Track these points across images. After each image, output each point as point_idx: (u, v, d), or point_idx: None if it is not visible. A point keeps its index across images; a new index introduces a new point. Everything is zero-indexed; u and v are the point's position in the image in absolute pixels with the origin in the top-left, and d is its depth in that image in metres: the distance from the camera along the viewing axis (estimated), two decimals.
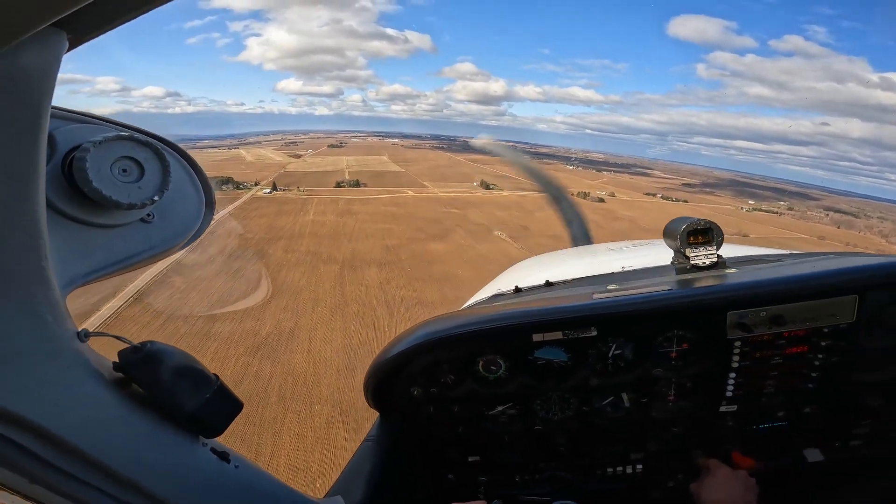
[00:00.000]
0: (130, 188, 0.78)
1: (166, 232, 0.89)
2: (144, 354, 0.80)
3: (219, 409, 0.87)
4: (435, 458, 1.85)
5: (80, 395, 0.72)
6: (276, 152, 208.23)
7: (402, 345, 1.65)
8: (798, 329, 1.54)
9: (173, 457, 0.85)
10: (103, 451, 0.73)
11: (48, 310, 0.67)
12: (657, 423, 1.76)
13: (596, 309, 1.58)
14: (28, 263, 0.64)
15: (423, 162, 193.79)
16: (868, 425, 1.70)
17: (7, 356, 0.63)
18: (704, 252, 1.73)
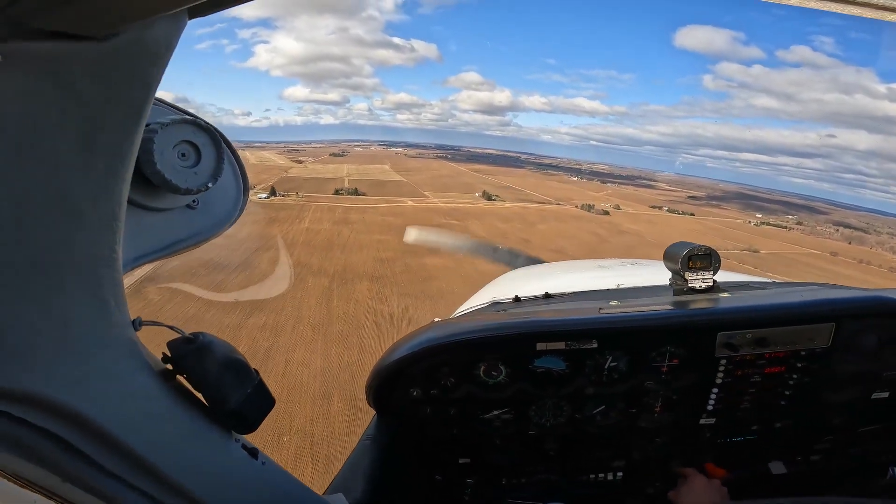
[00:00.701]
0: (188, 173, 0.78)
1: (209, 219, 0.89)
2: (198, 346, 0.78)
3: (257, 404, 0.86)
4: (427, 458, 1.90)
5: (131, 387, 0.70)
6: (279, 156, 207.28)
7: (406, 349, 1.70)
8: (779, 350, 1.66)
9: (210, 453, 0.84)
10: (147, 446, 0.71)
11: (112, 295, 0.65)
12: (642, 433, 1.84)
13: (600, 323, 1.66)
14: (103, 246, 0.62)
15: (426, 171, 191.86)
16: (829, 441, 1.85)
17: (73, 344, 0.61)
18: (702, 276, 1.83)
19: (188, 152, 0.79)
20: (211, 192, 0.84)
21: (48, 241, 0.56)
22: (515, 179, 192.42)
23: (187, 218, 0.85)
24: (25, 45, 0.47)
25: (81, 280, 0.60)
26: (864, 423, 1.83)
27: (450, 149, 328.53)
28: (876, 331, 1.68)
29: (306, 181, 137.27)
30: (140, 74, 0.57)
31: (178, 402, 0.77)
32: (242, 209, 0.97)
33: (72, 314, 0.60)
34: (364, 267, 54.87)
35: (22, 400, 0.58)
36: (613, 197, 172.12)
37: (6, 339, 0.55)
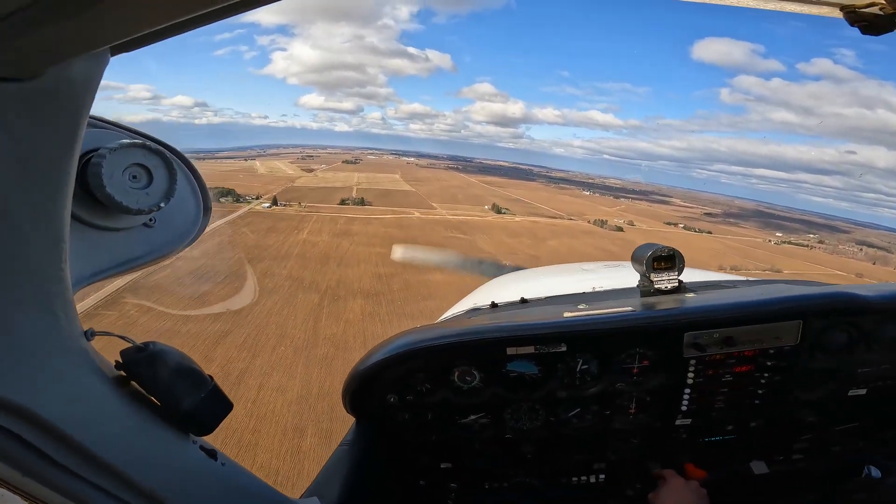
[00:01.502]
0: (139, 194, 0.81)
1: (167, 236, 0.92)
2: (148, 354, 0.83)
3: (212, 408, 0.90)
4: (407, 464, 1.90)
5: (85, 391, 0.74)
6: (289, 165, 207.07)
7: (381, 353, 1.70)
8: (747, 349, 1.66)
9: (166, 453, 0.88)
10: (101, 446, 0.75)
11: (62, 309, 0.69)
12: (618, 435, 1.85)
13: (566, 326, 1.67)
14: (50, 264, 0.66)
15: (435, 182, 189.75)
16: (807, 440, 1.85)
17: (22, 351, 0.66)
18: (667, 277, 1.85)
19: (139, 174, 0.81)
20: (169, 211, 0.87)
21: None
22: (526, 192, 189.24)
23: (145, 236, 0.88)
24: None
25: (28, 295, 0.65)
26: (843, 420, 1.82)
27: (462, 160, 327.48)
28: (845, 328, 1.66)
29: (312, 191, 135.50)
30: (67, 108, 0.60)
31: (132, 406, 0.81)
32: (203, 228, 0.99)
33: (20, 325, 0.65)
34: (360, 283, 51.73)
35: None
36: (627, 212, 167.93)
37: None
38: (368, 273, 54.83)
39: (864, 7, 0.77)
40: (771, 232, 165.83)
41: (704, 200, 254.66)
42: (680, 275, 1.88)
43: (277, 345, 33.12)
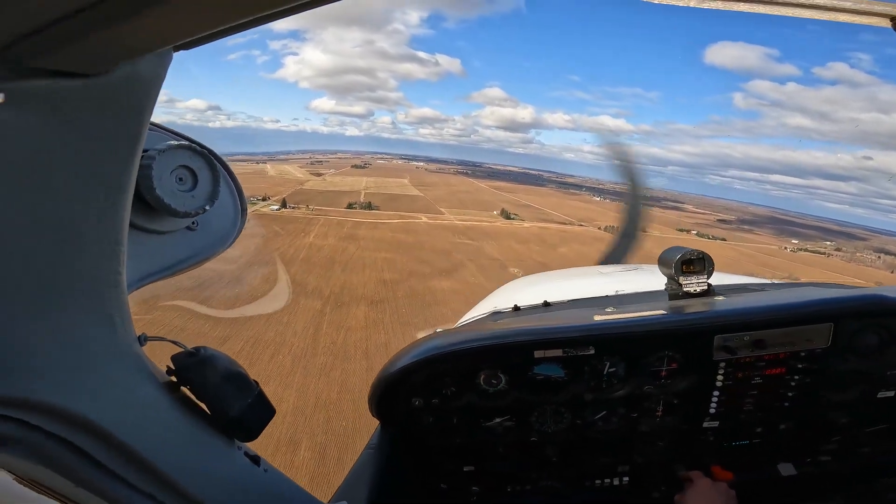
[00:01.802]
0: (185, 196, 0.81)
1: (208, 239, 0.93)
2: (199, 359, 0.83)
3: (258, 414, 0.90)
4: (430, 467, 1.91)
5: (139, 397, 0.75)
6: (299, 169, 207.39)
7: (408, 358, 1.72)
8: (777, 352, 1.65)
9: (215, 461, 0.88)
10: (155, 453, 0.75)
11: (118, 314, 0.69)
12: (644, 437, 1.84)
13: (595, 330, 1.67)
14: (108, 269, 0.66)
15: (444, 187, 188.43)
16: (836, 442, 1.83)
17: (80, 357, 0.66)
18: (696, 280, 1.86)
19: (185, 176, 0.82)
20: (209, 214, 0.87)
21: (56, 266, 0.60)
22: (536, 198, 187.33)
23: (187, 239, 0.89)
24: (25, 84, 0.50)
25: (89, 300, 0.65)
26: (871, 422, 1.81)
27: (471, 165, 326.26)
28: (876, 330, 1.66)
29: (320, 194, 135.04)
30: (133, 106, 0.61)
31: (183, 411, 0.82)
32: (241, 229, 1.00)
33: (82, 332, 0.65)
34: (364, 289, 50.55)
35: (37, 409, 0.63)
36: None
37: (21, 353, 0.60)
38: (373, 279, 53.62)
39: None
40: (786, 239, 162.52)
41: (718, 206, 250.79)
42: (709, 278, 1.88)
43: (276, 353, 32.04)
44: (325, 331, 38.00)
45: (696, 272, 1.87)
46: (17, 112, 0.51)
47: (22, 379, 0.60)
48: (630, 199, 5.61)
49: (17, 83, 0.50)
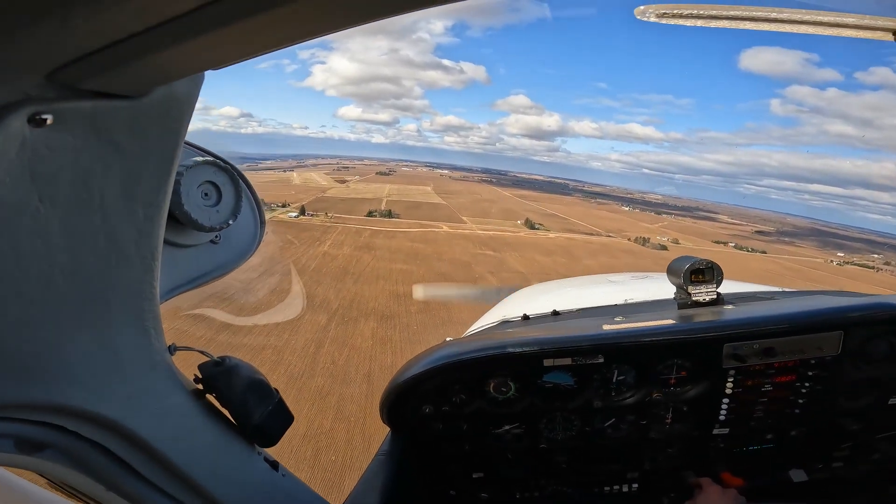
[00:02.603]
0: (210, 211, 0.84)
1: (230, 252, 0.96)
2: (225, 368, 0.86)
3: (278, 421, 0.94)
4: (439, 473, 1.93)
5: (170, 405, 0.78)
6: (324, 176, 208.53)
7: (420, 366, 1.73)
8: (787, 360, 1.66)
9: (239, 466, 0.92)
10: (185, 459, 0.79)
11: (152, 325, 0.73)
12: (654, 444, 1.84)
13: (605, 339, 1.67)
14: (146, 282, 0.69)
15: (468, 195, 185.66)
16: (848, 448, 1.84)
17: (117, 367, 0.69)
18: (705, 289, 1.85)
19: (210, 192, 0.84)
20: (230, 227, 0.90)
21: (100, 280, 0.63)
22: (562, 207, 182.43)
23: (211, 252, 0.92)
24: (72, 105, 0.53)
25: (127, 312, 0.68)
26: (882, 429, 1.81)
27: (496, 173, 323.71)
28: (887, 337, 1.67)
29: (342, 201, 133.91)
30: (170, 126, 0.64)
31: (208, 419, 0.85)
32: (260, 241, 1.03)
33: (119, 342, 0.69)
34: (375, 302, 47.56)
35: (77, 415, 0.66)
36: (670, 230, 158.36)
37: (64, 362, 0.63)
38: (386, 292, 50.54)
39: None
40: (831, 252, 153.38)
41: (754, 217, 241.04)
42: (718, 287, 1.87)
43: (270, 372, 28.83)
44: (328, 349, 35.09)
45: (706, 281, 1.84)
46: (64, 132, 0.53)
47: (62, 386, 0.64)
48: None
49: (65, 104, 0.52)
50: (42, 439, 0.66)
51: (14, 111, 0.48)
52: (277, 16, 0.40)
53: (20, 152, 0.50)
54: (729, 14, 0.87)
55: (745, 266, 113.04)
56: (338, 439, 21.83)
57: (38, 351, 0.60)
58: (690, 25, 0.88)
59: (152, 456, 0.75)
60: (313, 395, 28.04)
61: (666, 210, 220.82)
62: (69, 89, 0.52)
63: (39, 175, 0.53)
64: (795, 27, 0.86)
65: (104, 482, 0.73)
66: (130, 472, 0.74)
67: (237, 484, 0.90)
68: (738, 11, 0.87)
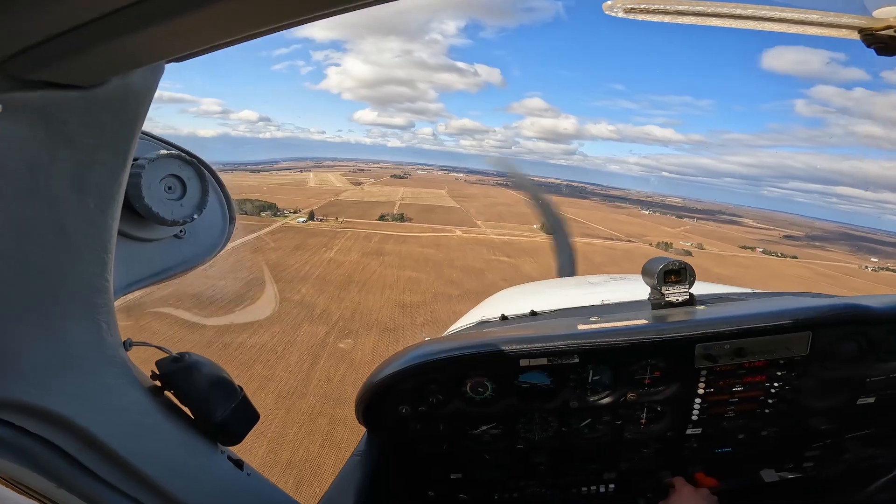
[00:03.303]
0: (174, 205, 0.82)
1: (196, 248, 0.94)
2: (184, 364, 0.84)
3: (242, 418, 0.91)
4: (417, 474, 1.92)
5: (125, 402, 0.76)
6: (339, 178, 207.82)
7: (395, 365, 1.72)
8: (757, 360, 1.69)
9: (199, 464, 0.89)
10: (140, 457, 0.76)
11: (105, 320, 0.71)
12: (629, 444, 1.87)
13: (579, 339, 1.69)
14: (97, 275, 0.68)
15: (483, 199, 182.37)
16: (818, 448, 1.88)
17: (68, 362, 0.67)
18: (678, 290, 1.88)
19: (174, 185, 0.83)
20: (197, 222, 0.88)
21: (47, 272, 0.62)
22: (580, 211, 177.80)
23: (175, 247, 0.90)
24: (22, 95, 0.52)
25: (77, 306, 0.66)
26: (852, 428, 1.84)
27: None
28: (855, 337, 1.70)
29: (354, 205, 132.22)
30: (124, 117, 0.62)
31: (167, 415, 0.83)
32: (228, 238, 1.00)
33: (69, 336, 0.66)
34: (380, 313, 44.74)
35: (23, 410, 0.64)
36: (693, 234, 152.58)
37: (9, 356, 0.61)
38: (391, 302, 47.78)
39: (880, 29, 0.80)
40: (863, 256, 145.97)
41: (780, 221, 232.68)
42: (690, 287, 1.89)
43: (259, 389, 26.87)
44: (323, 365, 32.51)
45: (679, 282, 1.87)
46: (13, 122, 0.52)
47: (8, 380, 0.61)
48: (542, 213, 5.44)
49: (15, 94, 0.51)
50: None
51: None
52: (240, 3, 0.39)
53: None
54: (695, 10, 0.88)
55: (777, 272, 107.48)
56: (324, 468, 19.28)
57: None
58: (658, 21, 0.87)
59: (105, 454, 0.73)
60: (303, 416, 25.60)
61: (687, 213, 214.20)
62: (18, 80, 0.51)
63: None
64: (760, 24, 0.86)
65: (55, 479, 0.70)
66: (82, 469, 0.72)
67: (198, 482, 0.87)
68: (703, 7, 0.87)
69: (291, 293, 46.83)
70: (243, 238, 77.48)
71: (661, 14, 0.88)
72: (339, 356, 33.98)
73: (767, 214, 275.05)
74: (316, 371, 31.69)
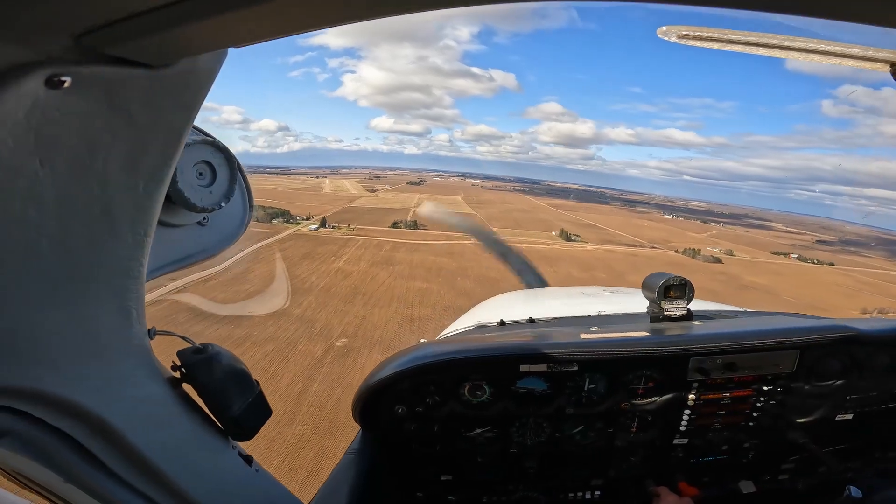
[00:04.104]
0: (203, 192, 0.82)
1: (217, 235, 0.94)
2: (207, 356, 0.82)
3: (256, 414, 0.90)
4: (409, 475, 1.94)
5: (144, 392, 0.75)
6: (355, 185, 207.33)
7: (394, 366, 1.72)
8: (746, 375, 1.76)
9: (210, 458, 0.88)
10: (151, 448, 0.75)
11: (135, 306, 0.69)
12: (619, 452, 1.91)
13: (582, 347, 1.73)
14: (135, 260, 0.66)
15: (499, 205, 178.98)
16: (795, 461, 1.94)
17: (93, 349, 0.65)
18: (676, 305, 1.94)
19: (205, 172, 0.83)
20: (218, 211, 0.88)
21: (87, 254, 0.60)
22: (600, 217, 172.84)
23: (197, 234, 0.89)
24: (92, 70, 0.52)
25: (110, 291, 0.65)
26: (830, 443, 1.91)
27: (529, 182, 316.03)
28: (839, 357, 1.79)
29: (368, 212, 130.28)
30: (184, 101, 0.62)
31: (183, 408, 0.82)
32: (247, 226, 1.01)
33: (98, 322, 0.64)
34: (385, 329, 41.40)
35: (45, 401, 0.62)
36: (720, 239, 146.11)
37: (37, 341, 0.59)
38: (398, 316, 44.69)
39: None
40: None
41: (811, 225, 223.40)
42: (689, 303, 1.95)
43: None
44: (316, 389, 29.50)
45: (678, 297, 1.93)
46: (79, 97, 0.52)
47: (34, 368, 0.60)
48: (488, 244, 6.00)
49: (86, 68, 0.51)
50: (1, 426, 0.62)
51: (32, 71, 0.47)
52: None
53: (30, 113, 0.49)
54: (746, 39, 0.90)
55: (816, 279, 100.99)
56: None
57: (10, 328, 0.57)
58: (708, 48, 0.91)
59: (121, 447, 0.71)
60: (288, 447, 22.72)
61: (712, 218, 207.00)
62: (93, 53, 0.51)
63: (45, 138, 0.52)
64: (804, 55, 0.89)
65: (63, 473, 0.68)
66: (94, 463, 0.70)
67: (210, 478, 0.86)
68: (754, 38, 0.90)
69: (292, 307, 44.06)
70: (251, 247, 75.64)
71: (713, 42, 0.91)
72: (334, 378, 31.01)
73: (796, 218, 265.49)
74: (308, 396, 28.73)
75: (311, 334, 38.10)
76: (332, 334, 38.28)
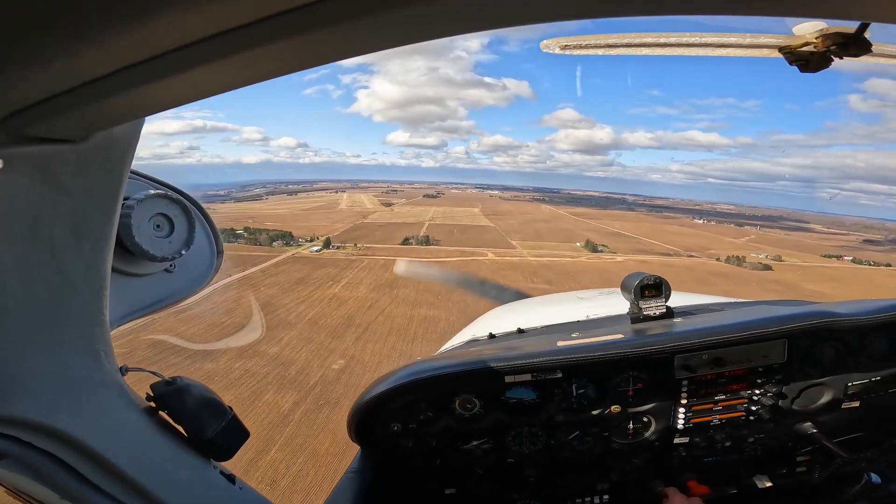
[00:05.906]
0: (163, 243, 0.89)
1: (185, 281, 1.00)
2: (176, 387, 0.91)
3: (232, 436, 0.98)
4: (412, 490, 1.96)
5: (123, 421, 0.82)
6: (371, 199, 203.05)
7: (385, 385, 1.77)
8: (736, 369, 1.75)
9: (193, 478, 0.96)
10: (139, 472, 0.83)
11: (102, 348, 0.77)
12: (619, 455, 1.91)
13: (559, 355, 1.74)
14: (94, 309, 0.74)
15: (518, 216, 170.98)
16: (809, 453, 1.92)
17: (70, 386, 0.74)
18: (654, 304, 1.95)
19: (162, 223, 0.89)
20: (186, 256, 0.95)
21: (49, 308, 0.68)
22: (626, 224, 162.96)
23: (166, 281, 0.96)
24: (21, 150, 0.57)
25: (77, 337, 0.73)
26: (841, 433, 1.87)
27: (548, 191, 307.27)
28: (833, 343, 1.75)
29: (379, 227, 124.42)
30: (111, 166, 0.68)
31: (162, 433, 0.90)
32: (216, 271, 1.06)
33: (71, 362, 0.73)
34: (376, 372, 34.38)
35: (30, 427, 0.70)
36: (761, 244, 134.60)
37: (19, 379, 0.67)
38: (396, 353, 37.28)
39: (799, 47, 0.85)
40: None
41: (852, 225, 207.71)
42: (667, 301, 1.95)
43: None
44: (274, 454, 22.39)
45: (654, 296, 1.93)
46: (15, 175, 0.58)
47: (19, 401, 0.68)
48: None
49: (13, 149, 0.57)
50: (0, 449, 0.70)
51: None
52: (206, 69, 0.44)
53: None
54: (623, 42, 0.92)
55: (881, 283, 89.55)
56: None
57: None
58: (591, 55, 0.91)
59: (106, 468, 0.78)
60: None
61: (747, 221, 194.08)
62: (19, 135, 0.56)
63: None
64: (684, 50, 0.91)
65: (59, 491, 0.76)
66: (85, 482, 0.77)
67: (193, 495, 0.93)
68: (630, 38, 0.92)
69: (268, 345, 37.05)
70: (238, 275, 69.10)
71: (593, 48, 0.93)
72: (302, 439, 23.79)
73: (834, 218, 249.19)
74: (262, 464, 21.59)
75: (285, 380, 31.00)
76: (307, 380, 31.10)
